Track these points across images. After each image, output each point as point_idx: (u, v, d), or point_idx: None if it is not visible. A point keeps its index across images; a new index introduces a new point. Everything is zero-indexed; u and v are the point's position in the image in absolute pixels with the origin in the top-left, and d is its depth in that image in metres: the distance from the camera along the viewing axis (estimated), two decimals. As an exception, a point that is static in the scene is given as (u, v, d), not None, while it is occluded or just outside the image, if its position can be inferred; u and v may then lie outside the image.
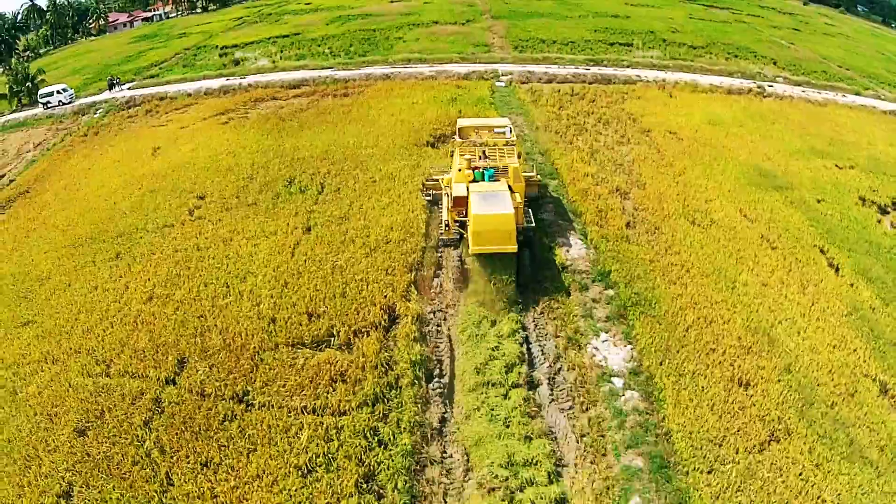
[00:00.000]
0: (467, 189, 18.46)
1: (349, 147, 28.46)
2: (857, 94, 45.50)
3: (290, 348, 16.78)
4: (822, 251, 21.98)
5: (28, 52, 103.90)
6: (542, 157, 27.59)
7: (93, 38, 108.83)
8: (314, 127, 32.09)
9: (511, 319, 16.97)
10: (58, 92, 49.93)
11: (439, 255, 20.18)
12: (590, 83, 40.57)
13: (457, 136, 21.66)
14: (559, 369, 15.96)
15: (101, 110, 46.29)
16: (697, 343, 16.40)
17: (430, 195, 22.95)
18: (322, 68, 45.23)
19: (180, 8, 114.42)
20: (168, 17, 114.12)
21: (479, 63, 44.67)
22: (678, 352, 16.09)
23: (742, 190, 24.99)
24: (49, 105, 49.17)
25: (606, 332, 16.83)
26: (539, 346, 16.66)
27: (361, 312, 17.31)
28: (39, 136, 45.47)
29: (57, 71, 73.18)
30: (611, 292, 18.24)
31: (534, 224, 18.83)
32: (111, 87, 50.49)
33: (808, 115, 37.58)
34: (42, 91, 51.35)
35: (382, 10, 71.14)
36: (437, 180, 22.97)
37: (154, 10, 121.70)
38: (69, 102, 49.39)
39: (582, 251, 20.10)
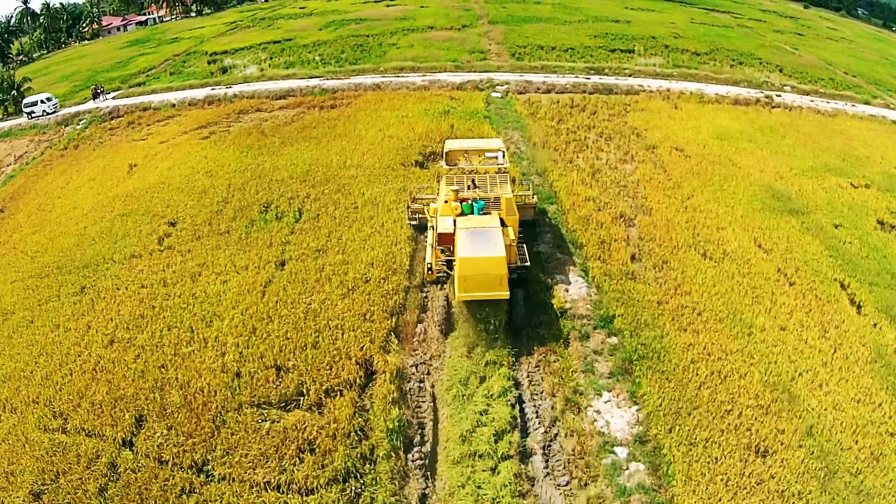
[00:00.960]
0: (454, 224, 16.59)
1: (332, 167, 26.60)
2: (867, 103, 43.81)
3: (256, 409, 14.97)
4: (842, 286, 20.12)
5: (21, 56, 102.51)
6: (540, 179, 25.70)
7: (86, 42, 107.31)
8: (297, 143, 30.23)
9: (502, 375, 15.09)
10: (42, 101, 48.38)
11: (424, 294, 18.33)
12: (590, 93, 38.74)
13: (443, 162, 19.65)
14: (555, 435, 14.11)
15: (83, 121, 44.72)
16: (711, 404, 14.55)
17: (415, 219, 21.12)
18: (310, 77, 43.44)
19: (175, 12, 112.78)
20: (162, 21, 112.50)
21: (475, 72, 42.84)
22: (690, 415, 14.24)
23: (755, 215, 23.13)
24: (33, 115, 47.67)
25: (609, 391, 14.96)
26: (533, 406, 14.80)
27: (335, 368, 15.47)
28: (21, 147, 43.91)
29: (47, 77, 71.79)
30: (614, 340, 16.36)
31: (528, 263, 16.90)
32: (95, 96, 48.88)
33: (818, 128, 35.75)
34: (26, 100, 49.78)
35: (377, 14, 69.48)
36: (424, 200, 21.28)
37: (148, 14, 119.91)
38: (53, 112, 47.87)
39: (583, 290, 18.20)
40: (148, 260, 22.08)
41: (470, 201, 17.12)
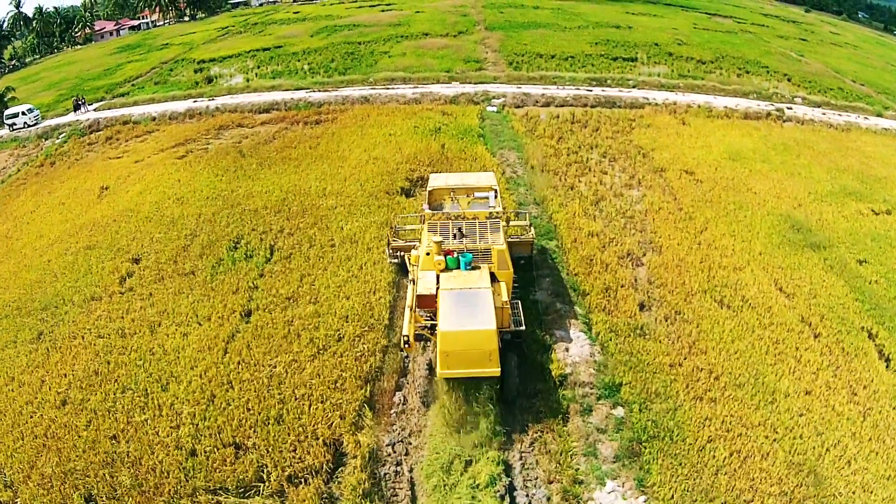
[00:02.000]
0: (437, 280, 14.46)
1: (310, 195, 24.51)
2: (879, 115, 41.94)
3: (211, 496, 12.96)
4: (870, 335, 18.02)
5: (14, 61, 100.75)
6: (539, 209, 23.54)
7: (78, 47, 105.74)
8: (275, 165, 28.16)
9: (490, 460, 13.00)
10: (23, 113, 46.59)
11: (404, 355, 16.19)
12: (592, 107, 36.71)
13: (426, 206, 17.39)
14: (553, 534, 12.08)
15: (63, 135, 42.91)
16: (729, 494, 12.47)
17: (396, 257, 19.00)
18: (297, 89, 41.44)
19: (168, 16, 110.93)
20: (155, 26, 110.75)
21: (469, 83, 40.81)
22: (708, 509, 12.21)
23: (775, 251, 21.03)
24: (15, 127, 45.87)
25: (614, 479, 12.87)
26: (526, 496, 12.73)
27: (299, 449, 13.41)
28: (0, 162, 42.09)
29: (35, 84, 70.37)
30: (621, 413, 14.27)
31: (524, 328, 14.76)
32: (77, 108, 47.06)
33: (832, 144, 33.69)
34: (7, 112, 47.94)
35: (372, 19, 67.64)
36: (406, 233, 19.30)
37: (142, 18, 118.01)
38: (35, 124, 46.14)
39: (585, 350, 16.06)
40: (107, 304, 20.09)
41: (456, 254, 14.96)
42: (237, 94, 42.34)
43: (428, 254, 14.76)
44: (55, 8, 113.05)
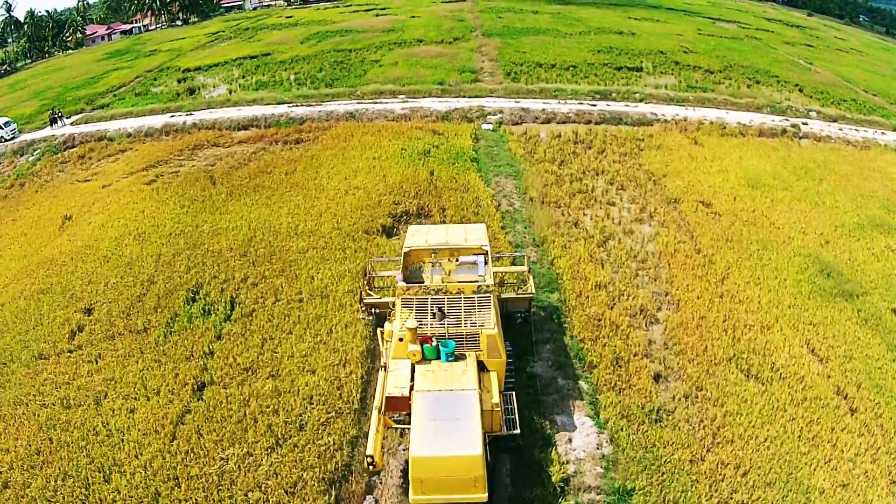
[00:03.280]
0: (412, 373, 11.98)
1: (280, 234, 22.04)
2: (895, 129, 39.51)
3: None
4: (908, 408, 15.71)
5: (5, 66, 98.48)
6: (538, 252, 21.03)
7: (69, 52, 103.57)
8: (245, 196, 25.65)
9: None
10: (0, 127, 44.19)
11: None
12: (596, 123, 34.35)
13: (399, 276, 14.30)
14: None
15: (38, 151, 40.65)
16: None
17: (371, 314, 16.58)
18: (279, 103, 38.98)
19: (160, 21, 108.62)
20: (147, 30, 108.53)
21: (464, 97, 38.36)
22: None
23: (806, 303, 18.59)
24: (-8, 141, 43.43)
25: None
26: None
27: (246, 579, 11.08)
28: (-26, 180, 39.78)
29: (21, 92, 68.26)
30: (634, 525, 11.91)
31: (518, 431, 12.24)
32: (53, 121, 44.72)
33: (854, 166, 31.27)
34: (-16, 125, 45.50)
35: (365, 25, 65.29)
36: (384, 280, 17.04)
37: (135, 22, 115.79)
38: (11, 139, 43.83)
39: (591, 440, 13.60)
40: (55, 364, 17.71)
41: (434, 341, 12.46)
42: (217, 108, 39.89)
43: (401, 339, 12.25)
44: (47, 12, 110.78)
